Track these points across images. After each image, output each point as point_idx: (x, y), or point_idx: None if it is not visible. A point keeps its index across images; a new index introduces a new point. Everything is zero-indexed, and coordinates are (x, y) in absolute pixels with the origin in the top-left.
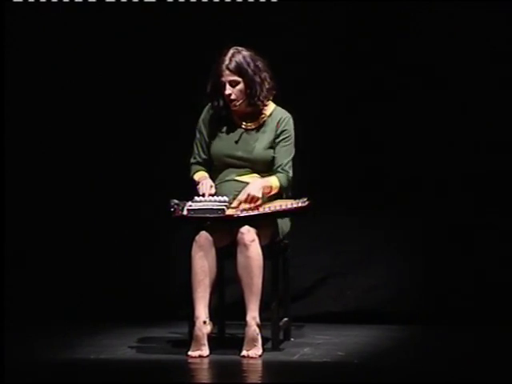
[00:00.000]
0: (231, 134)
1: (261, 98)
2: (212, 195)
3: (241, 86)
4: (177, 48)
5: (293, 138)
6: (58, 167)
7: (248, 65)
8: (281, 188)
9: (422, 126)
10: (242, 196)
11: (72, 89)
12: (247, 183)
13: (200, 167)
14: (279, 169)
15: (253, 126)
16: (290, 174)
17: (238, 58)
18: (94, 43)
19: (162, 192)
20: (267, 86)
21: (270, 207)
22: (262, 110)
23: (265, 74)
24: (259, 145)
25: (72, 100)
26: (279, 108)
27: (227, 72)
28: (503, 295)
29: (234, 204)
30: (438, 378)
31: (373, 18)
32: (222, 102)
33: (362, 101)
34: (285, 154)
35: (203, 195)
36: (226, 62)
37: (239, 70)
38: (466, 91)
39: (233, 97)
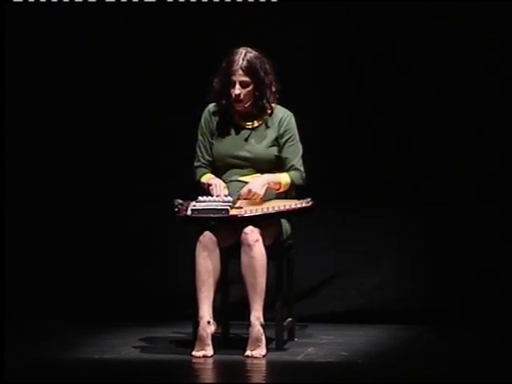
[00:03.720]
0: (233, 134)
1: (269, 100)
2: (226, 196)
3: (250, 88)
4: (177, 48)
5: (297, 135)
6: (58, 166)
7: (260, 67)
8: (292, 185)
9: (424, 126)
10: (244, 190)
11: (72, 89)
12: None
13: (205, 169)
14: (292, 168)
15: (254, 126)
16: (304, 172)
17: (251, 59)
18: (94, 43)
19: (166, 192)
20: (273, 90)
21: (273, 207)
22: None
23: (272, 77)
24: (261, 144)
25: (72, 100)
26: (280, 107)
27: (240, 72)
28: (505, 295)
29: (239, 196)
30: (442, 377)
31: (373, 17)
32: (228, 101)
33: (362, 100)
34: (293, 153)
35: (218, 196)
36: (240, 61)
37: (252, 72)
38: (466, 92)
39: (241, 97)
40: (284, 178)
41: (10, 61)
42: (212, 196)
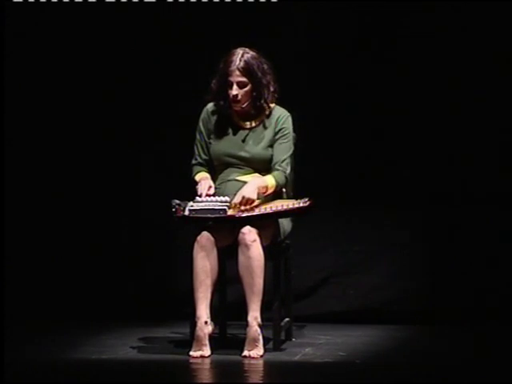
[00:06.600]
0: (231, 133)
1: (266, 101)
2: (209, 196)
3: (248, 88)
4: (176, 48)
5: (291, 135)
6: (57, 166)
7: (258, 68)
8: (277, 186)
9: (423, 126)
10: (237, 199)
11: (72, 89)
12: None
13: (201, 168)
14: (276, 166)
15: (252, 125)
16: (288, 171)
17: (249, 59)
18: (94, 43)
19: (165, 192)
20: (271, 90)
21: (271, 207)
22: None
23: (270, 77)
24: (259, 144)
25: (72, 100)
26: (278, 107)
27: (237, 73)
28: (505, 295)
29: (232, 204)
30: (441, 377)
31: (373, 17)
32: (226, 101)
33: (362, 100)
34: (282, 151)
35: (200, 195)
36: (237, 62)
37: (249, 72)
38: (467, 92)
39: (239, 98)
40: (270, 181)
41: (9, 61)
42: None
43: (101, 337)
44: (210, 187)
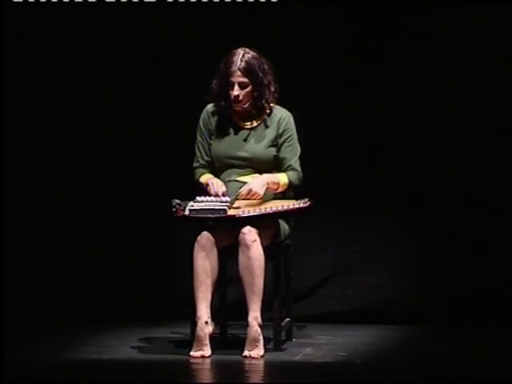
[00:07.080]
0: (232, 134)
1: (267, 101)
2: (224, 193)
3: (249, 89)
4: (177, 48)
5: (295, 135)
6: (57, 166)
7: (259, 68)
8: (290, 185)
9: (423, 126)
10: (244, 190)
11: (72, 89)
12: None
13: (204, 170)
14: (289, 168)
15: (253, 126)
16: (301, 173)
17: (250, 59)
18: (94, 43)
19: (165, 192)
20: (272, 90)
21: (271, 207)
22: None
23: (270, 77)
24: (260, 144)
25: (72, 100)
26: (278, 107)
27: (238, 73)
28: (505, 295)
29: (239, 195)
30: (441, 378)
31: (373, 17)
32: (227, 102)
33: (362, 100)
34: (291, 153)
35: (216, 195)
36: (238, 62)
37: (250, 73)
38: (467, 92)
39: (240, 98)
40: (282, 178)
41: (9, 61)
42: (210, 195)
43: (101, 337)
44: (222, 185)
